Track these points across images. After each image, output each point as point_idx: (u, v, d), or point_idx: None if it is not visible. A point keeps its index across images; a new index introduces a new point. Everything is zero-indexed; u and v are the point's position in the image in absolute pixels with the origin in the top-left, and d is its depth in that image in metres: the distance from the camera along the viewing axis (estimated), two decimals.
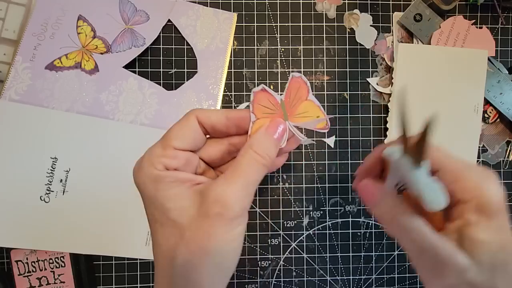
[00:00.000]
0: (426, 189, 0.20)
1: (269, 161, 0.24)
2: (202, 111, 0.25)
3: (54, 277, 0.39)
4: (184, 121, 0.24)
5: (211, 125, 0.25)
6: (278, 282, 0.42)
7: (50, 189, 0.38)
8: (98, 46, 0.40)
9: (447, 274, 0.21)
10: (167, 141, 0.24)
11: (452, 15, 0.43)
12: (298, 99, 0.26)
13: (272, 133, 0.25)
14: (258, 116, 0.26)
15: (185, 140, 0.24)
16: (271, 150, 0.24)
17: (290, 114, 0.26)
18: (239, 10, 0.42)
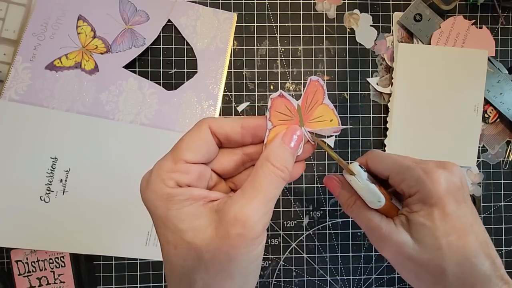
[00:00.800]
0: (363, 191, 0.26)
1: (287, 173, 0.22)
2: (214, 120, 0.23)
3: (54, 277, 0.39)
4: (196, 132, 0.22)
5: (225, 135, 0.23)
6: (278, 282, 0.42)
7: (50, 189, 0.38)
8: (98, 46, 0.40)
9: (388, 248, 0.26)
10: (178, 154, 0.22)
11: (452, 15, 0.43)
12: (314, 103, 0.25)
13: (288, 142, 0.23)
14: (274, 123, 0.24)
15: (198, 152, 0.22)
16: (288, 162, 0.22)
17: (306, 119, 0.25)
18: (239, 10, 0.42)
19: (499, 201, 0.44)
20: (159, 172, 0.21)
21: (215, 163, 0.24)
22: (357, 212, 0.28)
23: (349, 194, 0.29)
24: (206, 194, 0.22)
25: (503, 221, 0.44)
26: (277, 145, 0.23)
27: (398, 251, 0.26)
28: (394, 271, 0.43)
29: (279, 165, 0.22)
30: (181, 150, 0.22)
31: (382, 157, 0.28)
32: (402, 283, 0.43)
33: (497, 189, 0.44)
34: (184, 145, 0.22)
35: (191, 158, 0.22)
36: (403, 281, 0.43)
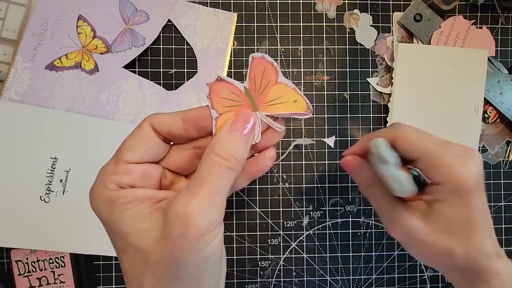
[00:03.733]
0: (391, 181, 0.25)
1: (235, 162, 0.20)
2: (156, 116, 0.22)
3: (54, 277, 0.39)
4: (137, 131, 0.22)
5: (167, 131, 0.22)
6: (278, 282, 0.42)
7: (50, 189, 0.38)
8: (98, 46, 0.40)
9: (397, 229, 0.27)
10: (119, 155, 0.21)
11: (452, 15, 0.43)
12: (266, 84, 0.22)
13: (238, 129, 0.21)
14: (220, 111, 0.22)
15: (139, 151, 0.21)
16: (237, 150, 0.20)
17: (260, 103, 0.22)
18: (239, 10, 0.42)
19: (499, 201, 0.44)
20: (102, 176, 0.21)
21: (168, 161, 0.23)
22: (372, 194, 0.28)
23: (368, 175, 0.28)
24: (152, 194, 0.21)
25: (503, 221, 0.44)
26: (224, 132, 0.21)
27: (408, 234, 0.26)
28: (394, 271, 0.43)
29: (223, 154, 0.20)
30: (121, 151, 0.21)
31: (412, 139, 0.26)
32: (402, 283, 0.43)
33: (497, 189, 0.44)
34: (125, 145, 0.21)
35: (132, 158, 0.21)
36: (403, 281, 0.43)
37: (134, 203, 0.20)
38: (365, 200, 0.43)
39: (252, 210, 0.42)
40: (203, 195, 0.19)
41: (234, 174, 0.21)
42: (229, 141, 0.21)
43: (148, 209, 0.20)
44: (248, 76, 0.22)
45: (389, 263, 0.43)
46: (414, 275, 0.43)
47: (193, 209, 0.18)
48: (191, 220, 0.18)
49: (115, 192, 0.20)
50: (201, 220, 0.19)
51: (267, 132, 0.23)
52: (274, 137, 0.23)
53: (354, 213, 0.43)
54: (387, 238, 0.43)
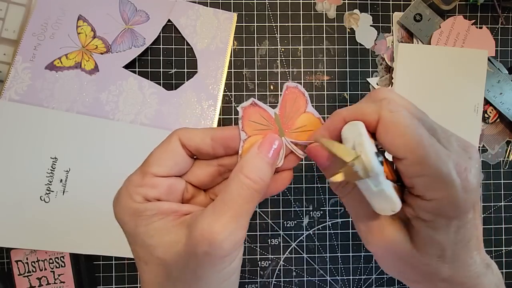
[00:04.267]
0: (378, 198, 0.20)
1: (262, 185, 0.20)
2: (185, 131, 0.22)
3: (54, 277, 0.39)
4: (165, 144, 0.22)
5: (195, 147, 0.22)
6: (278, 282, 0.42)
7: (50, 189, 0.38)
8: (98, 46, 0.40)
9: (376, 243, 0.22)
10: (146, 168, 0.21)
11: (452, 15, 0.43)
12: (295, 112, 0.24)
13: (265, 152, 0.21)
14: (249, 134, 0.23)
15: (166, 165, 0.21)
16: (264, 172, 0.21)
17: (287, 129, 0.23)
18: (239, 10, 0.42)
19: (499, 201, 0.44)
20: (127, 187, 0.21)
21: (190, 175, 0.23)
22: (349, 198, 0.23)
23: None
24: (177, 208, 0.21)
25: (503, 221, 0.44)
26: (252, 155, 0.21)
27: (389, 249, 0.22)
28: None
29: (252, 176, 0.20)
30: (149, 164, 0.21)
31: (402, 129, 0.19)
32: (402, 283, 0.43)
33: (497, 189, 0.44)
34: (152, 158, 0.22)
35: (159, 171, 0.21)
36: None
37: (159, 216, 0.20)
38: None
39: None
40: (231, 217, 0.19)
41: (260, 197, 0.21)
42: (257, 163, 0.21)
43: (173, 223, 0.20)
44: (280, 103, 0.23)
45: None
46: None
47: (219, 230, 0.19)
48: (217, 241, 0.18)
49: (142, 204, 0.20)
50: (226, 241, 0.19)
51: (288, 156, 0.23)
52: (294, 162, 0.24)
53: None
54: None
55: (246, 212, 0.20)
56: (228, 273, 0.20)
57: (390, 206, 0.19)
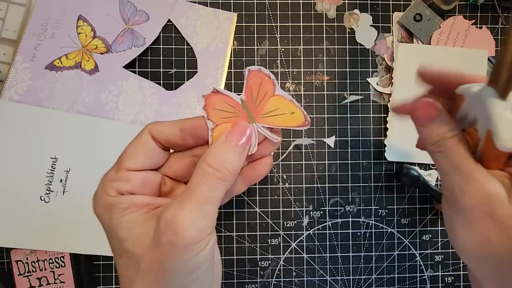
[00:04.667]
0: (503, 123, 0.19)
1: (227, 173, 0.20)
2: (155, 125, 0.22)
3: (54, 277, 0.39)
4: (137, 139, 0.22)
5: (165, 139, 0.22)
6: (278, 282, 0.42)
7: (50, 189, 0.38)
8: (98, 46, 0.40)
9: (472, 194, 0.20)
10: (120, 163, 0.22)
11: (452, 15, 0.43)
12: (263, 96, 0.23)
13: (233, 140, 0.21)
14: (216, 122, 0.22)
15: (139, 159, 0.22)
16: (230, 161, 0.21)
17: (257, 114, 0.23)
18: (239, 10, 0.42)
19: None
20: (103, 182, 0.21)
21: (167, 168, 0.24)
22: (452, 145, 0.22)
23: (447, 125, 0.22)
24: (150, 201, 0.21)
25: None
26: (219, 144, 0.21)
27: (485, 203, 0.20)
28: (394, 271, 0.43)
29: (215, 165, 0.20)
30: (122, 159, 0.22)
31: None
32: (402, 283, 0.43)
33: None
34: (125, 153, 0.22)
35: (132, 165, 0.22)
36: (403, 281, 0.43)
37: (132, 209, 0.21)
38: (365, 200, 0.43)
39: (252, 210, 0.42)
40: (193, 205, 0.19)
41: (226, 185, 0.21)
42: (223, 152, 0.21)
43: (144, 216, 0.21)
44: (245, 88, 0.23)
45: (389, 263, 0.43)
46: (414, 275, 0.43)
47: (182, 219, 0.19)
48: (180, 229, 0.19)
49: (115, 198, 0.21)
50: (190, 230, 0.19)
51: (264, 143, 0.23)
52: (270, 147, 0.23)
53: (354, 213, 0.43)
54: (387, 238, 0.43)
55: (211, 201, 0.20)
56: (196, 263, 0.20)
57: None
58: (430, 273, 0.43)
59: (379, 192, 0.43)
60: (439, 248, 0.43)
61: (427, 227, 0.43)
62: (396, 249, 0.43)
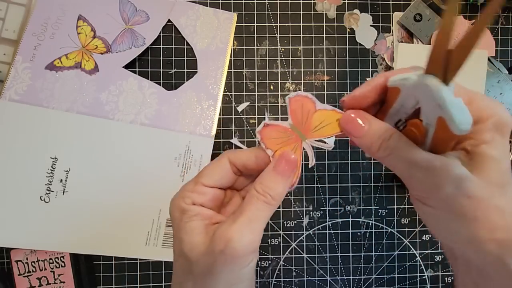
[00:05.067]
0: (455, 108, 0.19)
1: (270, 198, 0.24)
2: (233, 152, 0.26)
3: (54, 277, 0.39)
4: (216, 162, 0.26)
5: (242, 164, 0.26)
6: (278, 282, 0.42)
7: (50, 189, 0.38)
8: (98, 46, 0.40)
9: (444, 184, 0.20)
10: (198, 178, 0.26)
11: None
12: (307, 114, 0.25)
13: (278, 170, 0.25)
14: (275, 149, 0.26)
15: (214, 178, 0.26)
16: (274, 188, 0.24)
17: (306, 131, 0.25)
18: (239, 10, 0.42)
19: None
20: (182, 191, 0.25)
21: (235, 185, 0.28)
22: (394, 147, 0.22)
23: (383, 128, 0.23)
24: (213, 215, 0.25)
25: None
26: (266, 172, 0.25)
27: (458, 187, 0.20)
28: (394, 271, 0.43)
29: (261, 191, 0.24)
30: (201, 175, 0.26)
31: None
32: (402, 283, 0.43)
33: None
34: (205, 171, 0.26)
35: (207, 182, 0.25)
36: (403, 281, 0.43)
37: (198, 217, 0.24)
38: (365, 200, 0.43)
39: None
40: (242, 222, 0.23)
41: (271, 208, 0.24)
42: (268, 180, 0.24)
43: (205, 227, 0.24)
44: (290, 113, 0.25)
45: (389, 263, 0.43)
46: (414, 275, 0.43)
47: (234, 232, 0.22)
48: (230, 241, 0.22)
49: (189, 206, 0.25)
50: (238, 243, 0.22)
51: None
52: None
53: (354, 213, 0.43)
54: (387, 238, 0.43)
55: (258, 219, 0.23)
56: (239, 277, 0.23)
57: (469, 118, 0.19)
58: (430, 273, 0.43)
59: (379, 192, 0.43)
60: (439, 248, 0.43)
61: (427, 227, 0.43)
62: (396, 249, 0.43)
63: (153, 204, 0.39)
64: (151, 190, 0.39)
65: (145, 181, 0.39)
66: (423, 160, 0.21)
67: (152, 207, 0.39)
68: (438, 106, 0.19)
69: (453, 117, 0.19)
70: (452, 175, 0.20)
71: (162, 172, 0.39)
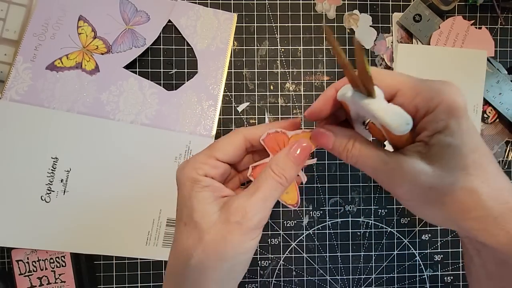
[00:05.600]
0: (387, 114, 0.20)
1: (284, 180, 0.25)
2: (248, 129, 0.27)
3: (55, 276, 0.39)
4: (231, 137, 0.27)
5: (257, 140, 0.27)
6: (278, 281, 0.42)
7: (51, 189, 0.38)
8: (98, 46, 0.40)
9: (400, 184, 0.23)
10: (212, 152, 0.26)
11: (451, 15, 0.43)
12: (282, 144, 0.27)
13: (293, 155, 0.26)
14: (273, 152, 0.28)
15: (228, 154, 0.27)
16: (287, 171, 0.25)
17: None
18: (239, 10, 0.42)
19: None
20: (194, 162, 0.26)
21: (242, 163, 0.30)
22: (358, 155, 0.24)
23: (345, 138, 0.25)
24: (223, 189, 0.26)
25: None
26: (283, 154, 0.26)
27: (414, 183, 0.22)
28: (394, 271, 0.43)
29: (277, 172, 0.25)
30: (215, 149, 0.26)
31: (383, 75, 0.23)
32: (401, 283, 0.43)
33: None
34: (218, 145, 0.27)
35: (221, 157, 0.26)
36: (402, 280, 0.43)
37: (210, 188, 0.25)
38: (364, 200, 0.43)
39: None
40: (259, 198, 0.24)
41: (283, 188, 0.26)
42: (283, 163, 0.25)
43: (214, 198, 0.25)
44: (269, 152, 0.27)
45: (389, 263, 0.43)
46: (413, 274, 0.43)
47: (250, 205, 0.24)
48: (248, 214, 0.24)
49: (201, 177, 0.25)
50: (255, 216, 0.24)
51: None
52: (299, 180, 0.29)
53: (354, 213, 0.43)
54: (386, 237, 0.43)
55: (271, 197, 0.25)
56: (248, 248, 0.24)
57: (404, 119, 0.20)
58: (430, 272, 0.43)
59: (379, 192, 0.43)
60: (439, 247, 0.43)
61: (426, 226, 0.43)
62: (396, 248, 0.43)
63: (154, 204, 0.39)
64: (152, 190, 0.39)
65: (146, 181, 0.39)
66: (380, 163, 0.23)
67: (152, 207, 0.39)
68: (373, 116, 0.21)
69: (388, 123, 0.20)
70: (406, 172, 0.22)
71: (163, 172, 0.39)
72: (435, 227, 0.43)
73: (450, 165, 0.21)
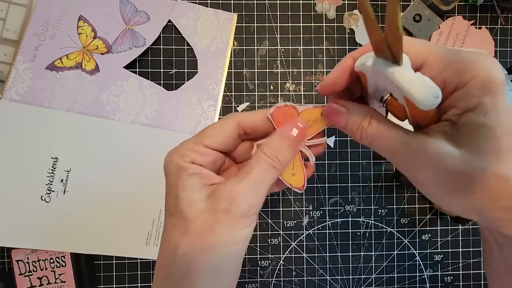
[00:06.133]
0: (413, 85, 0.18)
1: (278, 163, 0.23)
2: (241, 114, 0.25)
3: (55, 276, 0.39)
4: (222, 123, 0.25)
5: (250, 126, 0.25)
6: (278, 281, 0.42)
7: (51, 189, 0.38)
8: (98, 46, 0.40)
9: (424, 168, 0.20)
10: (200, 138, 0.24)
11: (451, 15, 0.43)
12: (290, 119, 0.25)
13: (285, 135, 0.24)
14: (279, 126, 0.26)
15: (218, 140, 0.24)
16: (281, 153, 0.23)
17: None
18: (239, 10, 0.42)
19: None
20: (181, 149, 0.24)
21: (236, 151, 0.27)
22: (374, 134, 0.21)
23: (361, 115, 0.22)
24: (212, 176, 0.24)
25: None
26: (275, 136, 0.24)
27: (439, 167, 0.19)
28: (394, 271, 0.43)
29: (269, 154, 0.23)
30: (204, 135, 0.24)
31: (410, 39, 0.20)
32: (401, 283, 0.43)
33: None
34: (208, 131, 0.25)
35: (210, 144, 0.24)
36: (402, 280, 0.43)
37: (197, 176, 0.23)
38: (364, 200, 0.43)
39: None
40: (249, 181, 0.22)
41: (276, 172, 0.24)
42: (277, 145, 0.24)
43: (203, 186, 0.23)
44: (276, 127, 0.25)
45: (389, 263, 0.43)
46: (413, 274, 0.43)
47: (239, 191, 0.22)
48: (236, 199, 0.22)
49: (188, 164, 0.23)
50: (244, 202, 0.22)
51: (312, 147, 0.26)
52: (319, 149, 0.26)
53: (354, 213, 0.43)
54: (386, 237, 0.43)
55: (263, 181, 0.23)
56: (240, 237, 0.22)
57: (433, 91, 0.17)
58: (430, 272, 0.43)
59: (379, 192, 0.43)
60: (439, 247, 0.43)
61: (426, 226, 0.43)
62: (396, 248, 0.43)
63: (154, 204, 0.39)
64: (152, 190, 0.39)
65: (146, 181, 0.39)
66: (400, 144, 0.20)
67: (152, 207, 0.39)
68: (397, 87, 0.18)
69: (414, 95, 0.18)
70: (430, 155, 0.19)
71: (163, 172, 0.39)
72: (435, 227, 0.43)
73: (481, 148, 0.18)
